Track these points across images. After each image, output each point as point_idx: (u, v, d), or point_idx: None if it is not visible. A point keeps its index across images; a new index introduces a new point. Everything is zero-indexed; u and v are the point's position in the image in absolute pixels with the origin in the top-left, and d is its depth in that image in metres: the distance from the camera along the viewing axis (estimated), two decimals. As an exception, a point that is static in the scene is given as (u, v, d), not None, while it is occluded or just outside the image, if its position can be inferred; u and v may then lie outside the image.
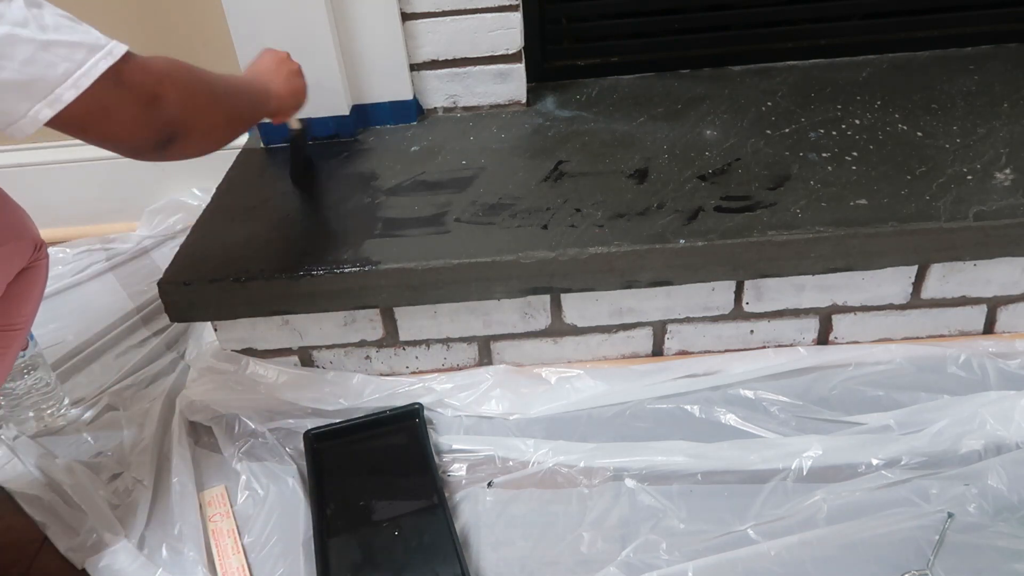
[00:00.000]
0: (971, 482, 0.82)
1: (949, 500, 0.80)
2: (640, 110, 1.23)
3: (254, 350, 1.04)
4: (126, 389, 1.07)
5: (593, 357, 1.05)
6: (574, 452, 0.90)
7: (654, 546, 0.79)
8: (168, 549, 0.83)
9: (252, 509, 0.88)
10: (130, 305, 1.24)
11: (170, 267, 0.97)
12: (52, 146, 1.46)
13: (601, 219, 0.96)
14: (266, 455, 0.94)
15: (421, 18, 1.19)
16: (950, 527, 0.78)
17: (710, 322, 1.02)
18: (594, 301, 1.00)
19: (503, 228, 0.96)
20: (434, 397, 0.98)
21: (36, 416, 1.00)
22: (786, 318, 1.02)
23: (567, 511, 0.85)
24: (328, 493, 0.88)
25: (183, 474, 0.90)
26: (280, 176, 1.15)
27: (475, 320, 1.01)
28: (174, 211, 1.45)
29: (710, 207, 0.96)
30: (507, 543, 0.82)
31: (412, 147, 1.18)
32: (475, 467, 0.91)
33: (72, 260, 1.38)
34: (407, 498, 0.87)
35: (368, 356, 1.04)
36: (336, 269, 0.92)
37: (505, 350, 1.04)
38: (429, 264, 0.92)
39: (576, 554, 0.80)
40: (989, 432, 0.87)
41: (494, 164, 1.11)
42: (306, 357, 1.05)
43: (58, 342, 1.17)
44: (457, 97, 1.27)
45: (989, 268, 0.98)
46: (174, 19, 1.32)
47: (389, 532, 0.83)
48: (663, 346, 1.04)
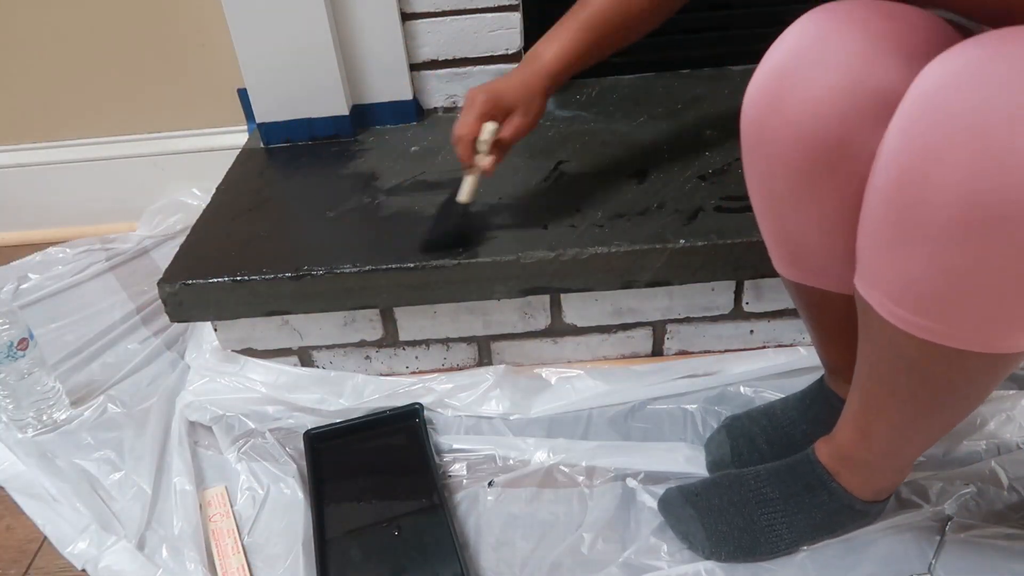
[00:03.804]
0: (971, 482, 0.82)
1: (949, 500, 0.80)
2: (640, 110, 1.23)
3: (254, 350, 1.04)
4: (126, 389, 1.07)
5: (593, 357, 1.05)
6: (574, 452, 0.90)
7: (655, 547, 0.79)
8: (168, 549, 0.83)
9: (252, 509, 0.88)
10: (130, 305, 1.24)
11: (170, 267, 0.97)
12: (52, 146, 1.46)
13: (601, 219, 0.96)
14: (266, 455, 0.94)
15: (421, 18, 1.19)
16: (950, 528, 0.78)
17: (710, 322, 1.02)
18: (594, 301, 1.00)
19: (503, 228, 0.96)
20: (434, 397, 0.98)
21: (36, 416, 1.00)
22: (786, 318, 1.01)
23: (567, 511, 0.84)
24: (328, 493, 0.88)
25: (183, 474, 0.90)
26: (280, 176, 1.15)
27: (475, 320, 1.01)
28: (174, 211, 1.45)
29: (710, 207, 0.96)
30: (507, 543, 0.82)
31: (412, 147, 1.18)
32: (475, 467, 0.91)
33: (72, 260, 1.38)
34: (407, 498, 0.87)
35: (368, 356, 1.04)
36: (336, 269, 0.92)
37: (505, 350, 1.04)
38: (429, 264, 0.92)
39: (576, 555, 0.80)
40: (989, 432, 0.87)
41: (494, 164, 1.11)
42: (306, 357, 1.05)
43: (58, 342, 1.17)
44: (457, 97, 1.27)
45: (989, 268, 0.98)
46: (174, 19, 1.32)
47: (389, 532, 0.83)
48: (663, 346, 1.04)
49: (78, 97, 1.41)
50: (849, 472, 0.74)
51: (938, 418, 0.65)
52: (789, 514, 0.76)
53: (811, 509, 0.75)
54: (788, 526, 0.76)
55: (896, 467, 0.74)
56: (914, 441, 0.69)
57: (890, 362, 0.61)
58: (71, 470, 0.94)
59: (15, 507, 0.91)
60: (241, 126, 1.43)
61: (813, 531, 0.76)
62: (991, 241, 0.49)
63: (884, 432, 0.68)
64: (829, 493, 0.75)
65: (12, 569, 0.85)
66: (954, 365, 0.57)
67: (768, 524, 0.76)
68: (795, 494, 0.76)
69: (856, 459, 0.73)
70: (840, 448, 0.74)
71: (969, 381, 0.59)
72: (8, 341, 0.94)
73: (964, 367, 0.57)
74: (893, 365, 0.61)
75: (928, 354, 0.57)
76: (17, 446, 0.97)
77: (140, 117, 1.43)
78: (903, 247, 0.54)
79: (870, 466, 0.72)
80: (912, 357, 0.58)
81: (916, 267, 0.53)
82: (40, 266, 1.38)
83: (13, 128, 1.44)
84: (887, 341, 0.59)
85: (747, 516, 0.76)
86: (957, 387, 0.60)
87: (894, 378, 0.62)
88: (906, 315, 0.56)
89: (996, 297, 0.51)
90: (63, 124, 1.44)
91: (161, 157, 1.45)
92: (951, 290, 0.53)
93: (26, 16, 1.33)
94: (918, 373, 0.60)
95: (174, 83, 1.39)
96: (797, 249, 0.70)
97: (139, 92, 1.40)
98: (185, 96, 1.40)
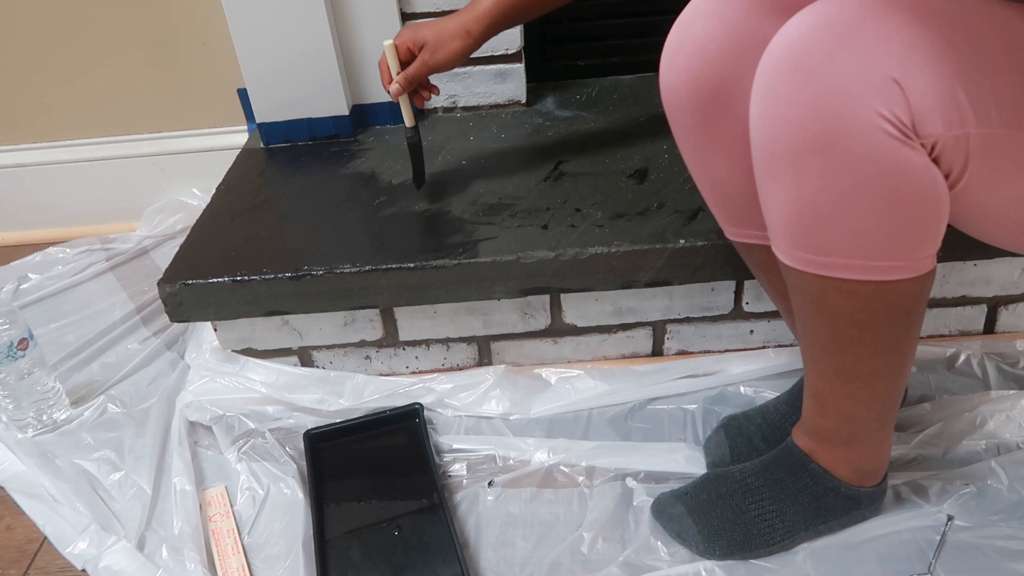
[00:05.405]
0: (971, 482, 0.82)
1: (949, 500, 0.80)
2: (640, 110, 1.23)
3: (254, 350, 1.04)
4: (126, 389, 1.07)
5: (593, 357, 1.05)
6: (574, 452, 0.90)
7: (655, 547, 0.79)
8: (168, 549, 0.83)
9: (252, 509, 0.88)
10: (130, 305, 1.24)
11: (170, 267, 0.97)
12: (52, 146, 1.46)
13: (601, 219, 0.96)
14: (266, 455, 0.94)
15: (421, 18, 1.19)
16: (950, 528, 0.78)
17: (710, 322, 1.02)
18: (594, 301, 1.00)
19: (503, 228, 0.96)
20: (434, 397, 0.98)
21: (36, 416, 1.00)
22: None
23: (567, 511, 0.85)
24: (328, 493, 0.88)
25: (183, 474, 0.90)
26: (280, 176, 1.15)
27: (475, 320, 1.01)
28: (174, 211, 1.45)
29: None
30: (507, 543, 0.82)
31: (412, 147, 1.18)
32: (475, 467, 0.91)
33: (72, 260, 1.38)
34: (407, 498, 0.87)
35: (368, 356, 1.04)
36: (336, 269, 0.92)
37: (505, 350, 1.04)
38: (429, 264, 0.92)
39: (576, 554, 0.80)
40: (989, 432, 0.87)
41: (494, 164, 1.11)
42: (306, 357, 1.05)
43: (58, 342, 1.17)
44: (457, 97, 1.27)
45: (989, 268, 0.98)
46: (174, 19, 1.32)
47: (389, 532, 0.83)
48: (663, 346, 1.04)
49: (78, 97, 1.41)
50: (823, 451, 0.75)
51: (867, 366, 0.67)
52: (777, 502, 0.76)
53: (797, 494, 0.76)
54: (778, 515, 0.76)
55: (863, 437, 0.73)
56: (861, 399, 0.70)
57: (804, 308, 0.66)
58: (71, 470, 0.94)
59: (15, 507, 0.91)
60: (241, 126, 1.43)
61: (805, 519, 0.76)
62: (824, 168, 0.56)
63: (828, 392, 0.71)
64: (811, 475, 0.75)
65: (12, 569, 0.85)
66: (849, 298, 0.62)
67: (758, 514, 0.76)
68: (779, 480, 0.77)
69: (822, 432, 0.74)
70: (806, 424, 0.75)
71: (871, 317, 0.63)
72: (8, 341, 0.94)
73: (856, 298, 0.61)
74: (806, 309, 0.66)
75: (823, 290, 0.62)
76: (17, 446, 0.97)
77: (140, 117, 1.43)
78: (771, 182, 0.61)
79: (838, 438, 0.73)
80: (814, 296, 0.63)
81: (782, 200, 0.60)
82: (40, 266, 1.38)
83: (13, 128, 1.44)
84: (794, 286, 0.65)
85: (735, 508, 0.77)
86: (864, 326, 0.63)
87: (811, 323, 0.66)
88: (793, 251, 0.62)
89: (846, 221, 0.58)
90: (63, 124, 1.44)
91: (161, 157, 1.45)
92: (812, 218, 0.59)
93: (26, 16, 1.33)
94: (824, 312, 0.64)
95: (174, 83, 1.39)
96: (729, 201, 0.75)
97: (139, 92, 1.40)
98: (185, 96, 1.40)
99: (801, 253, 0.61)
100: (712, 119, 0.70)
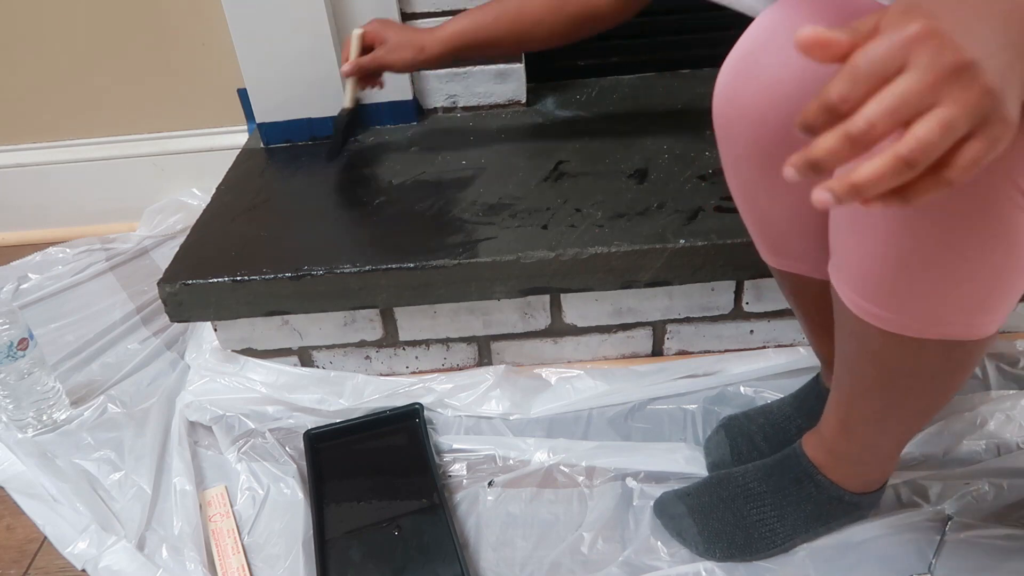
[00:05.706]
0: (971, 482, 0.82)
1: (949, 500, 0.80)
2: (640, 110, 1.23)
3: (254, 350, 1.04)
4: (126, 389, 1.07)
5: (593, 357, 1.05)
6: (574, 452, 0.90)
7: (655, 547, 0.79)
8: (168, 549, 0.83)
9: (252, 509, 0.88)
10: (130, 305, 1.24)
11: (170, 267, 0.97)
12: (52, 146, 1.46)
13: (601, 219, 0.96)
14: (266, 455, 0.94)
15: (421, 18, 1.19)
16: (950, 528, 0.78)
17: (710, 322, 1.02)
18: (594, 301, 1.00)
19: (503, 228, 0.96)
20: (434, 397, 0.98)
21: (36, 416, 1.00)
22: (786, 318, 1.01)
23: (567, 511, 0.85)
24: (328, 493, 0.88)
25: (183, 474, 0.90)
26: (280, 176, 1.15)
27: (475, 320, 1.01)
28: (174, 211, 1.45)
29: (710, 207, 0.96)
30: (507, 543, 0.82)
31: (412, 147, 1.18)
32: (475, 467, 0.91)
33: (72, 260, 1.38)
34: (407, 498, 0.87)
35: (368, 356, 1.04)
36: (336, 269, 0.92)
37: (505, 350, 1.04)
38: (429, 264, 0.92)
39: (576, 554, 0.80)
40: (989, 432, 0.87)
41: (494, 164, 1.11)
42: (306, 357, 1.05)
43: (58, 342, 1.17)
44: (457, 97, 1.27)
45: (989, 268, 0.98)
46: (174, 19, 1.32)
47: (389, 532, 0.83)
48: (663, 346, 1.04)
49: (78, 97, 1.41)
50: (835, 465, 0.74)
51: (911, 408, 0.65)
52: (779, 508, 0.76)
53: (800, 502, 0.76)
54: (779, 519, 0.76)
55: (880, 459, 0.74)
56: (892, 432, 0.69)
57: (858, 352, 0.63)
58: (71, 470, 0.94)
59: (15, 507, 0.91)
60: (241, 126, 1.43)
61: (806, 523, 0.76)
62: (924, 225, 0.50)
63: (861, 424, 0.69)
64: (816, 486, 0.75)
65: (12, 569, 0.85)
66: (912, 355, 0.58)
67: (759, 519, 0.76)
68: (783, 488, 0.76)
69: (839, 452, 0.73)
70: (824, 441, 0.74)
71: (931, 371, 0.60)
72: (8, 341, 0.94)
73: (922, 357, 0.58)
74: (860, 355, 0.62)
75: (887, 344, 0.58)
76: (17, 446, 0.97)
77: (140, 117, 1.43)
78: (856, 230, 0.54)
79: (854, 458, 0.73)
80: (875, 347, 0.60)
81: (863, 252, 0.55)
82: (40, 266, 1.38)
83: (13, 128, 1.44)
84: (851, 331, 0.61)
85: (737, 512, 0.77)
86: (921, 378, 0.61)
87: (863, 369, 0.63)
88: (863, 303, 0.57)
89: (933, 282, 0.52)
90: (63, 124, 1.44)
91: (161, 157, 1.45)
92: (895, 276, 0.54)
93: (26, 15, 1.33)
94: (882, 364, 0.61)
95: (174, 83, 1.39)
96: (774, 234, 0.71)
97: (139, 92, 1.40)
98: (185, 96, 1.40)
99: (873, 307, 0.56)
100: (773, 161, 0.62)
